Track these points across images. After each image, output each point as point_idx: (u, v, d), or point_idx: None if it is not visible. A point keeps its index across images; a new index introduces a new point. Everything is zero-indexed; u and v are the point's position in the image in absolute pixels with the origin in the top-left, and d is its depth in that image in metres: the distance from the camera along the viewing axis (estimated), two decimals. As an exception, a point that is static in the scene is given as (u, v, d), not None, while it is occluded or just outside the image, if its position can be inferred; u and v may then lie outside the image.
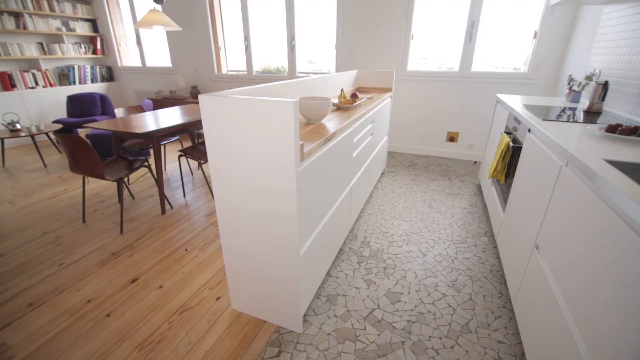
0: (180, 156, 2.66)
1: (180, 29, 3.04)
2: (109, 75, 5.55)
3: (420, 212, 2.45)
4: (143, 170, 3.38)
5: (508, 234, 1.71)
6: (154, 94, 5.24)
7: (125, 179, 3.03)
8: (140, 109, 3.18)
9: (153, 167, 3.36)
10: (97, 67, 5.35)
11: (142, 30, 5.01)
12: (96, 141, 3.44)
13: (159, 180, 2.39)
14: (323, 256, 1.58)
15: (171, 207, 2.56)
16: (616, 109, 1.93)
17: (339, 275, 1.76)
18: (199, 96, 1.13)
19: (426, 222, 2.32)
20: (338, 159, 1.58)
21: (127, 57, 5.45)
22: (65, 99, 4.90)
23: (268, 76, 4.38)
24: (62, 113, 4.92)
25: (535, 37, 3.09)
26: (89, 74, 5.26)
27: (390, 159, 3.70)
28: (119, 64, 5.43)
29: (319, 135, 1.34)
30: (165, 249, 2.02)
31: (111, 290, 1.67)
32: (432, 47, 3.52)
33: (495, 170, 1.99)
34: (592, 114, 1.82)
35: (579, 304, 0.91)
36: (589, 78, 2.18)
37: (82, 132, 4.84)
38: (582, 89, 2.24)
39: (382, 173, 3.23)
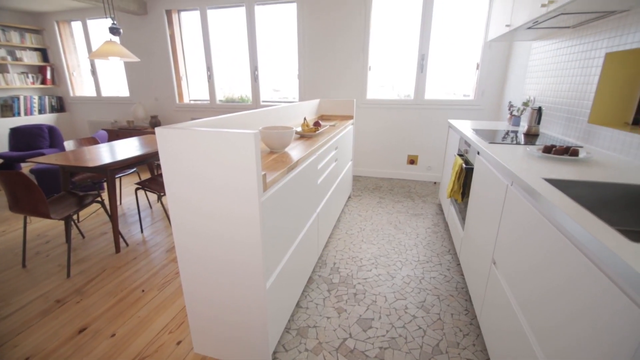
0: (137, 189, 2.52)
1: (138, 59, 2.99)
2: (60, 106, 5.24)
3: (387, 234, 2.50)
4: (95, 206, 3.14)
5: (468, 251, 1.79)
6: (109, 124, 5.01)
7: (75, 217, 2.80)
8: (94, 141, 3.01)
9: (107, 202, 3.14)
10: (46, 97, 5.04)
11: (98, 60, 4.86)
12: (42, 176, 3.18)
13: (113, 216, 2.23)
14: (291, 287, 1.54)
15: (127, 244, 2.39)
16: (551, 131, 2.16)
17: (309, 305, 1.72)
18: (156, 129, 1.10)
19: (393, 243, 2.36)
20: (303, 187, 1.58)
21: (80, 87, 5.21)
22: (7, 132, 4.52)
23: (231, 105, 4.39)
24: (3, 146, 4.52)
25: (477, 68, 3.42)
26: (36, 105, 4.93)
27: (356, 183, 3.79)
28: (71, 94, 5.16)
29: (283, 164, 1.35)
30: (119, 291, 1.85)
31: (54, 344, 1.48)
32: (389, 77, 3.76)
33: (452, 190, 2.10)
34: (531, 136, 2.02)
35: (534, 315, 0.96)
36: (525, 104, 2.44)
37: (25, 167, 4.45)
38: (521, 114, 2.49)
39: (349, 197, 3.28)
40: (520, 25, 1.92)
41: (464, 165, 1.97)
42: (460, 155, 2.21)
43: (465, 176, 1.99)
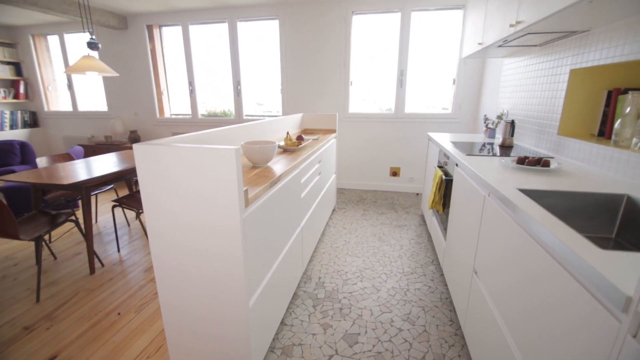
0: (114, 206, 2.43)
1: (117, 74, 2.94)
2: (33, 121, 5.05)
3: (371, 247, 2.50)
4: (69, 225, 3.01)
5: (451, 261, 1.81)
6: (86, 139, 4.86)
7: (46, 237, 2.66)
8: (69, 157, 2.91)
9: (82, 220, 3.01)
10: (18, 112, 4.85)
11: (75, 74, 4.74)
12: (12, 195, 3.02)
13: (88, 235, 2.13)
14: (276, 304, 1.50)
15: (102, 264, 2.28)
16: (524, 143, 2.25)
17: (294, 322, 1.68)
18: (134, 146, 1.07)
19: (378, 256, 2.36)
20: (286, 201, 1.58)
21: (55, 101, 5.05)
22: (-26, 149, 4.29)
23: (214, 120, 4.36)
24: (-32, 164, 4.27)
25: (454, 83, 3.57)
26: (7, 120, 4.73)
27: (340, 195, 3.80)
28: (46, 109, 4.99)
29: (265, 179, 1.34)
30: (94, 315, 1.75)
31: (19, 376, 1.38)
32: (370, 91, 3.86)
33: (433, 201, 2.14)
34: (505, 148, 2.10)
35: (515, 323, 0.97)
36: (499, 117, 2.55)
37: (-6, 185, 4.22)
38: (496, 127, 2.59)
39: (333, 210, 3.28)
40: (491, 43, 2.03)
41: (443, 177, 2.02)
42: (440, 167, 2.27)
43: (446, 187, 2.04)
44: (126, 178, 2.40)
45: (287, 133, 2.16)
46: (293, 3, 3.64)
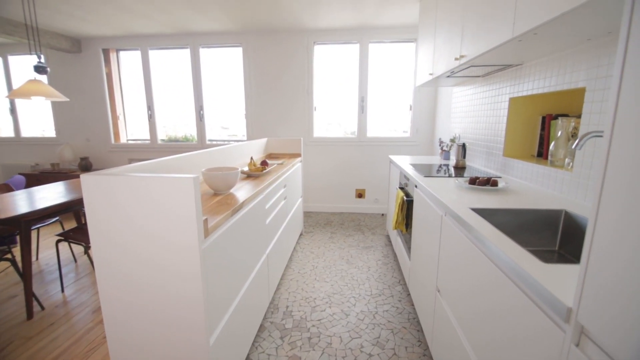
0: (59, 241, 2.21)
1: (67, 99, 2.78)
2: (-35, 149, 4.54)
3: (339, 270, 2.49)
4: (4, 264, 2.67)
5: (416, 280, 1.85)
6: (29, 168, 4.45)
7: (-25, 279, 2.34)
8: (7, 188, 2.63)
9: (19, 258, 2.69)
10: (-53, 139, 4.36)
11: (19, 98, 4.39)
12: None
13: (26, 275, 1.91)
14: (240, 340, 1.42)
15: (42, 307, 2.03)
16: (475, 164, 2.43)
17: (260, 357, 1.59)
18: (82, 176, 1.00)
19: (346, 279, 2.35)
20: (250, 228, 1.54)
21: (-6, 127, 4.61)
22: None
23: (175, 145, 4.22)
24: None
25: (411, 109, 3.80)
26: None
27: (307, 219, 3.78)
28: (-18, 136, 4.54)
29: (227, 207, 1.31)
30: (29, 368, 1.54)
31: None
32: (335, 115, 3.98)
33: (396, 221, 2.20)
34: (459, 169, 2.24)
35: (476, 339, 1.00)
36: (452, 140, 2.73)
37: None
38: (450, 149, 2.78)
39: (301, 234, 3.25)
40: (440, 74, 2.21)
41: (405, 198, 2.10)
42: (402, 188, 2.35)
43: (407, 208, 2.11)
44: (74, 209, 2.21)
45: (251, 158, 2.15)
46: (256, 32, 3.73)
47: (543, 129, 1.86)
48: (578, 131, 1.48)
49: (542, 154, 1.86)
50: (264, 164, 2.25)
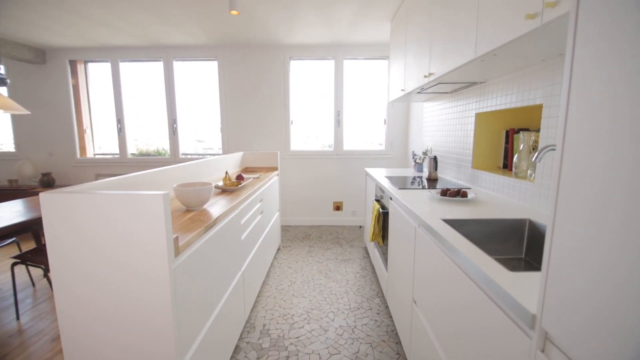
0: (15, 264, 2.05)
1: (28, 112, 2.63)
2: None
3: (318, 285, 2.46)
4: (-51, 291, 2.43)
5: (393, 292, 1.86)
6: (-17, 185, 4.12)
7: None
8: (-45, 208, 2.41)
9: (-31, 284, 2.45)
10: None
11: (-28, 111, 4.10)
12: None
13: (-25, 304, 1.74)
14: (214, 361, 1.36)
15: (-7, 338, 1.85)
16: (447, 175, 2.52)
17: (236, 379, 1.52)
18: (41, 195, 0.94)
19: (324, 294, 2.33)
20: (225, 245, 1.50)
21: (-57, 142, 4.26)
22: None
23: (146, 159, 4.07)
24: None
25: (385, 123, 3.91)
26: None
27: (285, 233, 3.74)
28: None
29: (199, 223, 1.27)
30: (-27, 408, 1.38)
31: None
32: (313, 128, 4.02)
33: (373, 233, 2.23)
34: (431, 181, 2.31)
35: (451, 348, 1.01)
36: (425, 153, 2.83)
37: None
38: (422, 162, 2.87)
39: (278, 249, 3.20)
40: (411, 90, 2.30)
41: (380, 210, 2.13)
42: (378, 201, 2.39)
43: (383, 220, 2.14)
44: (33, 229, 2.06)
45: (226, 173, 2.11)
46: (232, 46, 3.74)
47: (507, 142, 1.97)
48: (538, 144, 1.58)
49: (507, 165, 1.96)
50: (239, 178, 2.22)
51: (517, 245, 1.32)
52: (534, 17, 0.94)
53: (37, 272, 2.75)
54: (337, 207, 4.03)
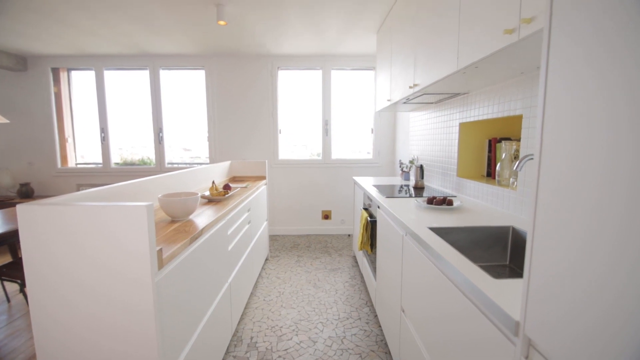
0: (-12, 279, 1.95)
1: (7, 121, 2.55)
2: None
3: (306, 295, 2.43)
4: None
5: (382, 301, 1.86)
6: (-44, 196, 3.94)
7: None
8: None
9: (-63, 301, 2.32)
10: None
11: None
12: None
13: (-57, 323, 1.64)
14: (199, 377, 1.31)
15: (-38, 359, 1.75)
16: (433, 184, 2.56)
17: (222, 395, 1.48)
18: (18, 207, 0.91)
19: (313, 304, 2.30)
20: (211, 256, 1.47)
21: None
22: None
23: (130, 169, 3.99)
24: None
25: (372, 132, 3.96)
26: None
27: (273, 242, 3.70)
28: None
29: (185, 235, 1.24)
30: None
31: None
32: (301, 137, 4.03)
33: (362, 242, 2.23)
34: (418, 189, 2.35)
35: (439, 358, 1.01)
36: (411, 162, 2.87)
37: None
38: (409, 170, 2.91)
39: (266, 259, 3.16)
40: (397, 100, 2.34)
41: (369, 219, 2.14)
42: (366, 209, 2.40)
43: (372, 228, 2.15)
44: (9, 242, 1.98)
45: (213, 182, 2.09)
46: (219, 55, 3.74)
47: (490, 151, 2.02)
48: (519, 153, 1.63)
49: (490, 174, 2.01)
50: (226, 187, 2.19)
51: (502, 252, 1.34)
52: (512, 32, 0.98)
53: (12, 287, 2.62)
54: (326, 216, 4.02)
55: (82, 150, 4.11)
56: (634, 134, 0.40)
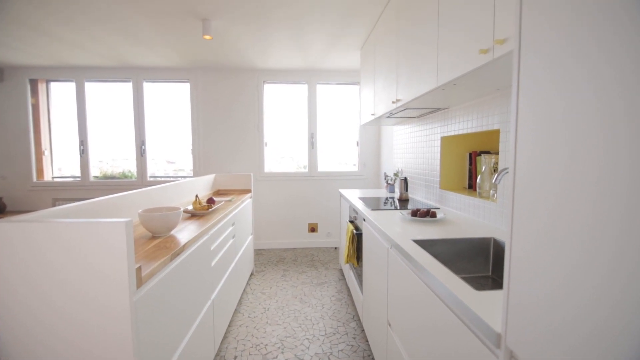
0: (-49, 302, 1.82)
1: (-21, 133, 2.44)
2: None
3: (292, 311, 2.39)
4: None
5: (369, 315, 1.84)
6: None
7: None
8: None
9: None
10: None
11: None
12: None
13: None
14: (179, 401, 1.25)
15: None
16: (417, 196, 2.60)
17: (203, 420, 1.41)
18: (-16, 223, 0.86)
19: (299, 320, 2.26)
20: (193, 273, 1.43)
21: None
22: None
23: (110, 183, 3.87)
24: None
25: (358, 145, 4.01)
26: None
27: (258, 257, 3.64)
28: None
29: (166, 251, 1.21)
30: None
31: None
32: (287, 150, 4.04)
33: (348, 255, 2.22)
34: (403, 201, 2.38)
35: (426, 375, 1.01)
36: (396, 175, 2.91)
37: None
38: (394, 183, 2.95)
39: (251, 274, 3.09)
40: (381, 114, 2.39)
41: (354, 231, 2.14)
42: (352, 222, 2.41)
43: (358, 241, 2.15)
44: (-25, 261, 1.86)
45: (196, 196, 2.05)
46: (204, 68, 3.74)
47: (471, 164, 2.08)
48: (498, 166, 1.68)
49: (472, 186, 2.06)
50: (210, 201, 2.16)
51: (484, 263, 1.37)
52: (487, 52, 1.03)
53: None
54: (312, 229, 4.00)
55: (60, 163, 3.97)
56: (598, 149, 0.42)
